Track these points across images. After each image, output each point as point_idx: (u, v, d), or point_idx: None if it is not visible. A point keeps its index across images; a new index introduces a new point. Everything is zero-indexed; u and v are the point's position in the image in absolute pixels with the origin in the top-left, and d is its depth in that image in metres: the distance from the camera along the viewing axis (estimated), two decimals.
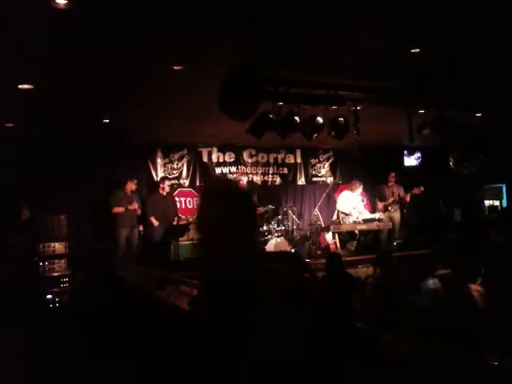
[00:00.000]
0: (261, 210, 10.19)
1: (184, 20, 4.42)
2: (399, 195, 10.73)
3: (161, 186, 9.93)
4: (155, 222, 9.58)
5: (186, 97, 6.90)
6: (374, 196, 11.42)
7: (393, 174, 10.91)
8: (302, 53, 5.47)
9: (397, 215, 10.76)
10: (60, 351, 5.03)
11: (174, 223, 9.84)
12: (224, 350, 2.81)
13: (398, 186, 10.89)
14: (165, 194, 9.92)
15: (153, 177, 10.49)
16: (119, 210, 9.17)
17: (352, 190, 10.60)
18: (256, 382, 2.80)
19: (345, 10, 4.42)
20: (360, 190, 10.65)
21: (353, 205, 10.43)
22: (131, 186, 9.41)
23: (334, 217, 10.95)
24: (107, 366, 4.10)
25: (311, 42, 5.17)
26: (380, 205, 10.74)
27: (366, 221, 10.27)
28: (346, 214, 10.29)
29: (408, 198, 10.69)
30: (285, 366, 2.86)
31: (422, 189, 10.66)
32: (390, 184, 10.89)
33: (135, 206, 9.34)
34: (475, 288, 4.95)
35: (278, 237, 9.81)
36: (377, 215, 10.48)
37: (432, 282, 5.05)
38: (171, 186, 10.45)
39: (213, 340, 2.89)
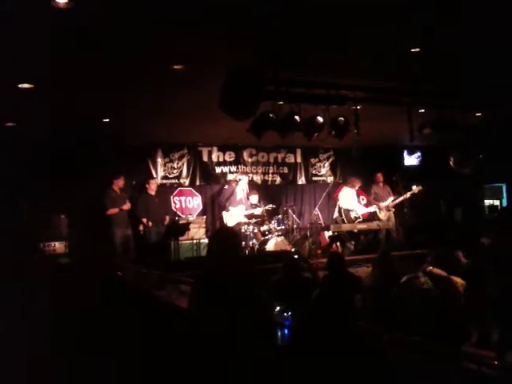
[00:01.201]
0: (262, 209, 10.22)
1: (181, 20, 4.41)
2: (400, 194, 10.77)
3: (148, 186, 9.91)
4: (149, 224, 9.57)
5: (187, 96, 6.90)
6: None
7: (379, 175, 10.95)
8: (301, 53, 5.47)
9: (393, 215, 10.83)
10: (61, 350, 5.03)
11: (166, 222, 9.85)
12: (222, 348, 2.81)
13: (388, 186, 10.97)
14: (153, 193, 9.91)
15: (153, 176, 10.49)
16: (114, 211, 9.16)
17: (353, 186, 10.71)
18: (255, 378, 2.81)
19: (345, 11, 4.42)
20: (358, 186, 10.75)
21: (354, 201, 10.50)
22: (119, 183, 9.39)
23: (336, 214, 10.96)
24: (108, 365, 4.10)
25: (311, 42, 5.16)
26: (382, 205, 10.76)
27: (366, 219, 10.34)
28: (350, 210, 10.36)
29: (408, 196, 10.71)
30: (285, 363, 2.86)
31: (421, 187, 10.68)
32: (380, 185, 10.94)
33: (129, 205, 9.34)
34: (457, 280, 4.96)
35: (278, 236, 9.82)
36: (373, 208, 10.63)
37: (424, 280, 5.04)
38: (161, 185, 10.46)
39: (213, 339, 2.89)
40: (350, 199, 10.56)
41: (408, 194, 10.68)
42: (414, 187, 10.66)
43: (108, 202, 9.18)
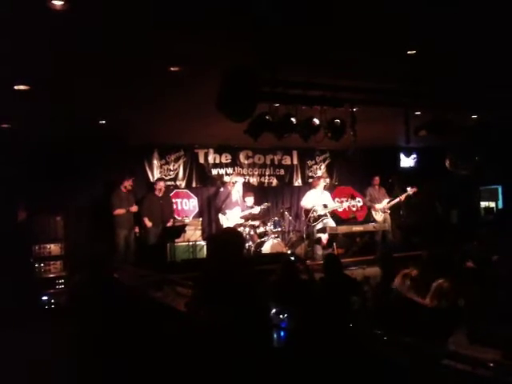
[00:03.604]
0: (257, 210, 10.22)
1: (180, 22, 4.41)
2: (396, 196, 10.81)
3: (156, 187, 9.91)
4: (148, 223, 9.57)
5: (183, 98, 6.89)
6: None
7: (376, 178, 11.00)
8: (297, 55, 5.48)
9: (388, 216, 10.86)
10: (57, 352, 5.02)
11: (169, 224, 9.82)
12: (221, 350, 2.81)
13: (383, 189, 11.01)
14: (160, 195, 9.90)
15: (149, 178, 10.48)
16: (121, 211, 9.18)
17: (316, 185, 10.39)
18: (252, 379, 2.80)
19: (341, 13, 4.43)
20: (323, 185, 10.41)
21: (316, 200, 10.16)
22: (128, 184, 9.40)
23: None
24: (105, 367, 4.08)
25: (308, 43, 5.17)
26: (378, 207, 10.79)
27: (362, 221, 10.36)
28: (313, 209, 10.09)
29: (403, 198, 10.77)
30: (282, 365, 2.86)
31: (415, 189, 10.73)
32: (376, 187, 10.99)
33: (136, 207, 9.37)
34: (442, 284, 5.00)
35: (274, 238, 9.80)
36: (344, 204, 10.76)
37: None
38: (167, 187, 10.45)
39: (210, 340, 2.89)
40: (310, 199, 10.20)
41: (403, 196, 10.76)
42: (409, 189, 10.72)
43: (116, 201, 9.20)
